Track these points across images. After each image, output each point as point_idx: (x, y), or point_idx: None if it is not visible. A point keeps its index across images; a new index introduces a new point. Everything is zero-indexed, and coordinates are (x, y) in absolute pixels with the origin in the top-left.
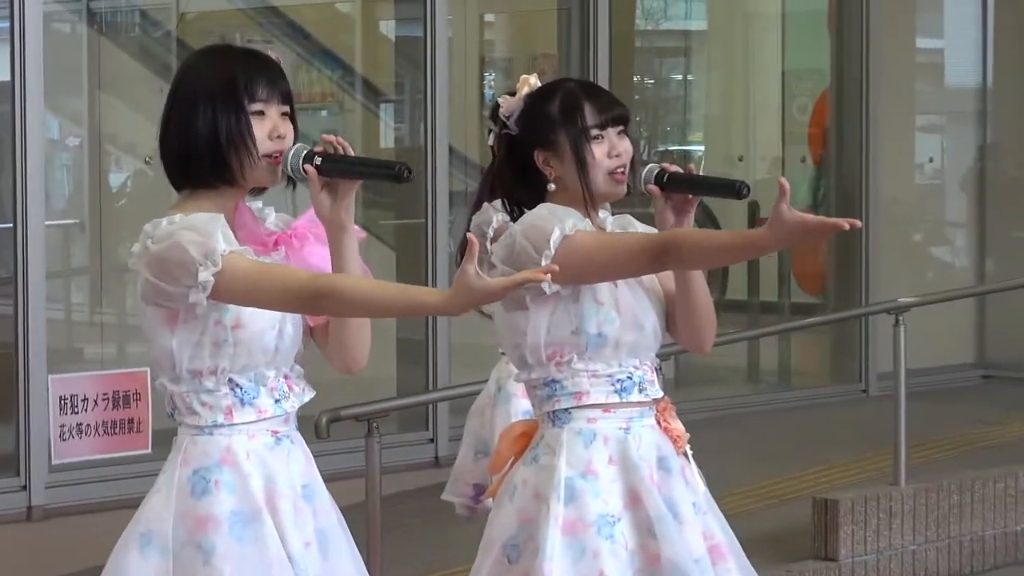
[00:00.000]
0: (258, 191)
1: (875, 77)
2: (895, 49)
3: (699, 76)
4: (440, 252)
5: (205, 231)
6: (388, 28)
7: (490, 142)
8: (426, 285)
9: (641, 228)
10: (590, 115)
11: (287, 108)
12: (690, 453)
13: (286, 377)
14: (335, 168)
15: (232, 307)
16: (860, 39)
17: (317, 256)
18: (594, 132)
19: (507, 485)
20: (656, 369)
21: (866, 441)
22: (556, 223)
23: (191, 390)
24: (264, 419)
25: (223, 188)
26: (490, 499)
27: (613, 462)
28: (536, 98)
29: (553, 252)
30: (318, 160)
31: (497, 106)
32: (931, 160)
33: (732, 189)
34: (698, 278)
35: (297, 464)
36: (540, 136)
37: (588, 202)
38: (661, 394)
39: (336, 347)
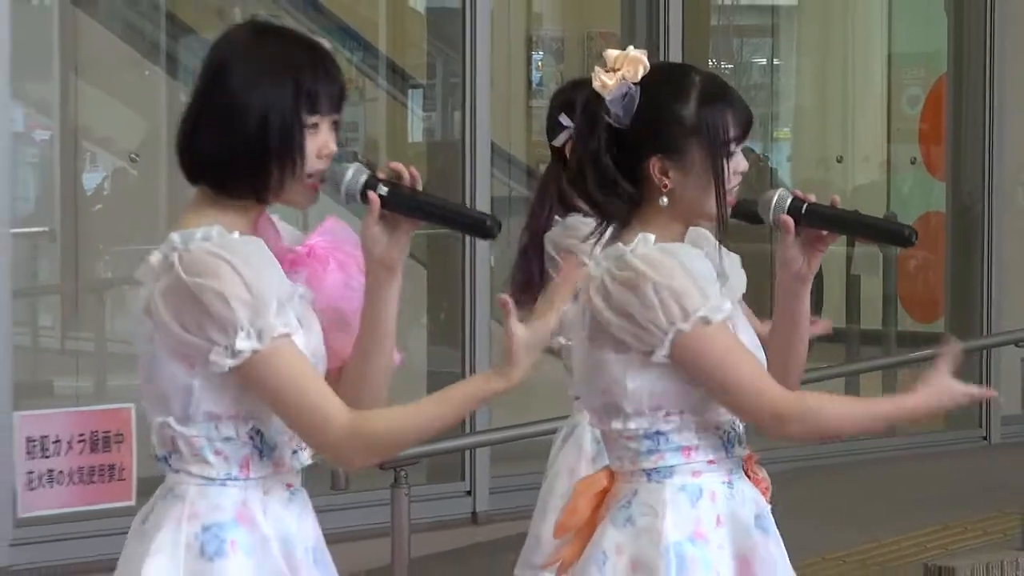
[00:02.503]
0: None
1: (1000, 63)
2: (1020, 32)
3: (787, 60)
4: (479, 268)
5: (257, 288)
6: (418, 3)
7: (563, 139)
8: (462, 306)
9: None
10: (732, 125)
11: (338, 117)
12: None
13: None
14: (404, 204)
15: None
16: (984, 17)
17: (337, 285)
18: (731, 148)
19: (593, 553)
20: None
21: (988, 497)
22: (698, 291)
23: (204, 435)
24: (281, 476)
25: (246, 198)
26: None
27: (721, 523)
28: (660, 89)
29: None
30: (384, 190)
31: (568, 90)
32: None
33: (898, 236)
34: (805, 324)
35: (307, 523)
36: (664, 139)
37: (722, 230)
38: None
39: (351, 396)
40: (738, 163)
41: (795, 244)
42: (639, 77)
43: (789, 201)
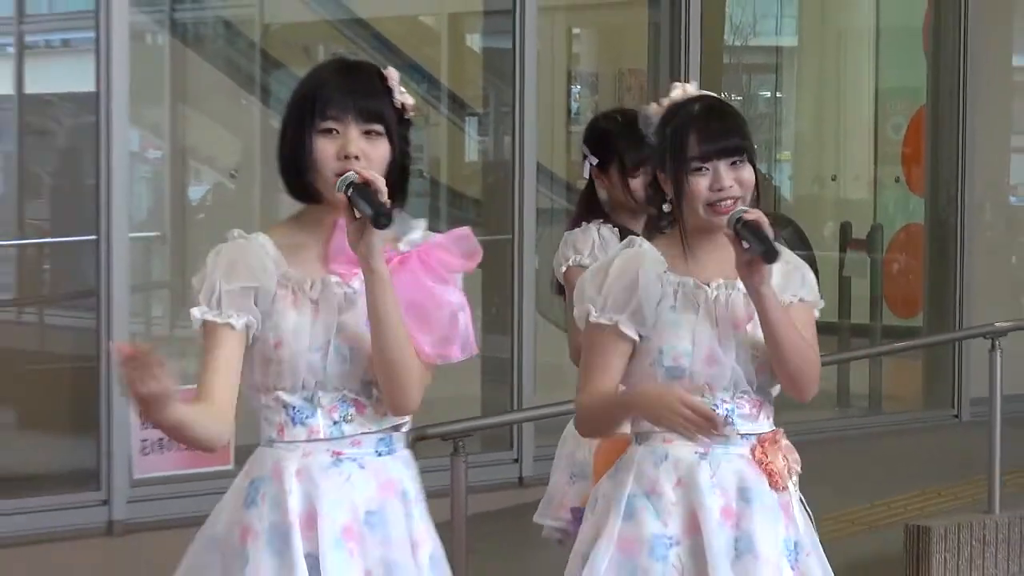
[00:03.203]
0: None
1: (972, 96)
2: (992, 67)
3: (789, 93)
4: (527, 269)
5: (212, 278)
6: (475, 41)
7: (586, 171)
8: (511, 302)
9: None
10: (693, 146)
11: (373, 127)
12: (795, 491)
13: (356, 401)
14: (356, 200)
15: (272, 324)
16: (956, 57)
17: (404, 283)
18: (695, 164)
19: (591, 498)
20: (766, 403)
21: (959, 468)
22: (588, 301)
23: (257, 405)
24: (318, 439)
25: (317, 205)
26: None
27: (682, 484)
28: (667, 114)
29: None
30: (350, 186)
31: (599, 119)
32: None
33: (769, 252)
34: (781, 332)
35: (362, 489)
36: (659, 156)
37: (683, 238)
38: (764, 429)
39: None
40: (717, 179)
41: (742, 261)
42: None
43: (736, 218)
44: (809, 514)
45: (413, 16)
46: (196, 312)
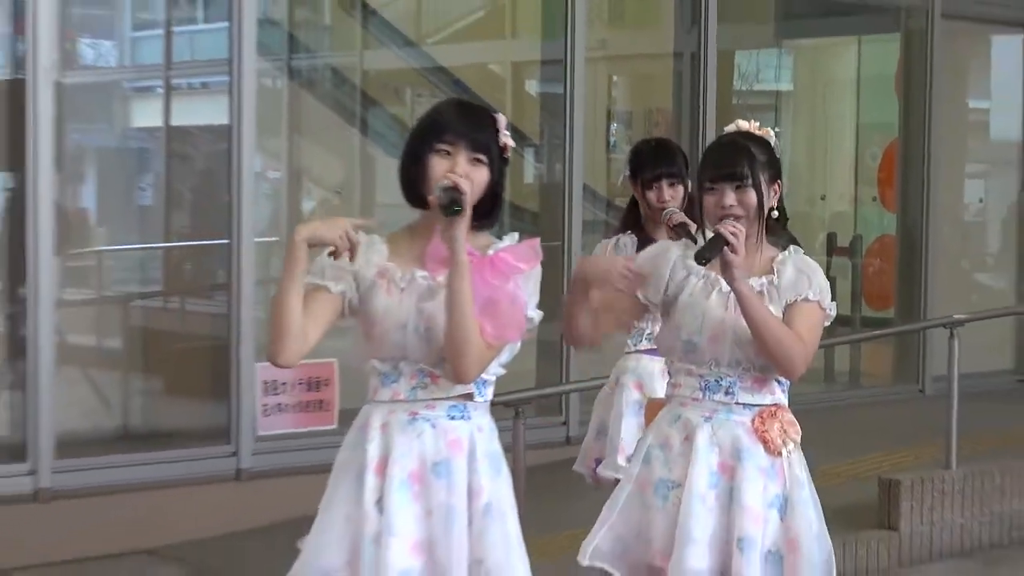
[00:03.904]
0: (478, 221)
1: (935, 131)
2: (951, 108)
3: (786, 128)
4: (574, 268)
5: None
6: (533, 86)
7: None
8: (561, 295)
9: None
10: (703, 170)
11: (479, 156)
12: (790, 456)
13: (431, 373)
14: (440, 196)
15: (370, 306)
16: (923, 100)
17: (475, 281)
18: (707, 185)
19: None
20: (769, 381)
21: (923, 432)
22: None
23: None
24: (399, 401)
25: (428, 212)
26: (608, 470)
27: (687, 440)
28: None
29: None
30: (446, 189)
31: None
32: (981, 200)
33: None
34: (757, 320)
35: (431, 443)
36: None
37: (704, 240)
38: (766, 402)
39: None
40: (722, 198)
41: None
42: None
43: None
44: (809, 476)
45: (483, 64)
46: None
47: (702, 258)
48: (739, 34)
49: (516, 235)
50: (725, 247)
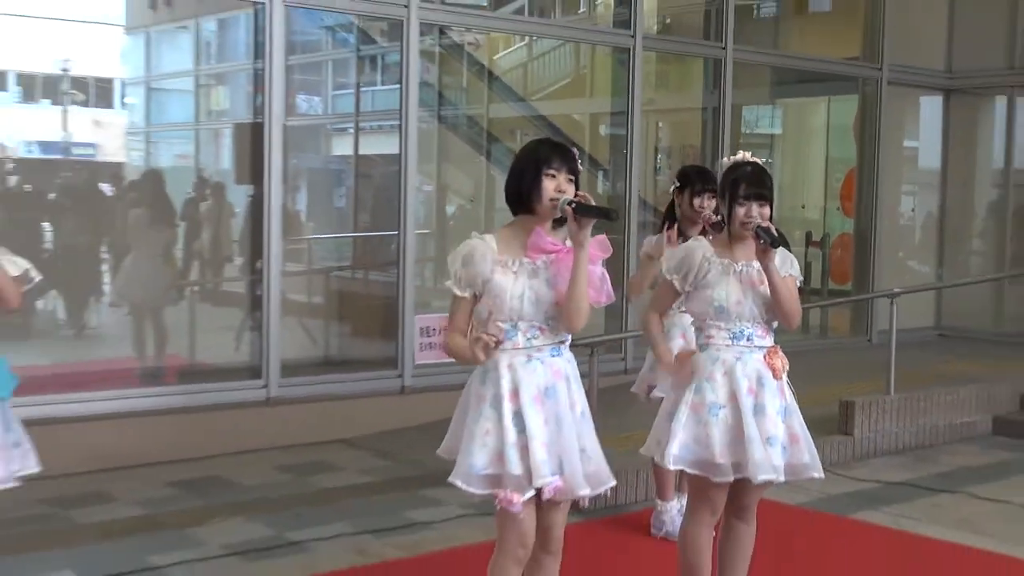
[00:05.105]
0: (556, 222)
1: (882, 162)
2: (892, 146)
3: (777, 160)
4: (631, 259)
5: (467, 253)
6: (604, 129)
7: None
8: (622, 272)
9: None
10: (740, 190)
11: (572, 176)
12: (786, 380)
13: (540, 326)
14: (580, 210)
15: (493, 285)
16: (873, 141)
17: (564, 268)
18: (740, 200)
19: (671, 384)
20: (770, 330)
21: (871, 370)
22: (668, 259)
23: (487, 330)
24: (519, 348)
25: (529, 216)
26: (659, 393)
27: (725, 374)
28: (731, 167)
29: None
30: (572, 204)
31: (695, 173)
32: (912, 210)
33: (774, 243)
34: (779, 289)
35: (541, 375)
36: (721, 191)
37: (730, 238)
38: (769, 344)
39: (563, 315)
40: (748, 211)
41: (758, 247)
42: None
43: (756, 226)
44: (793, 392)
45: (570, 114)
46: (450, 284)
47: (777, 244)
48: (745, 95)
49: (602, 236)
50: (767, 242)
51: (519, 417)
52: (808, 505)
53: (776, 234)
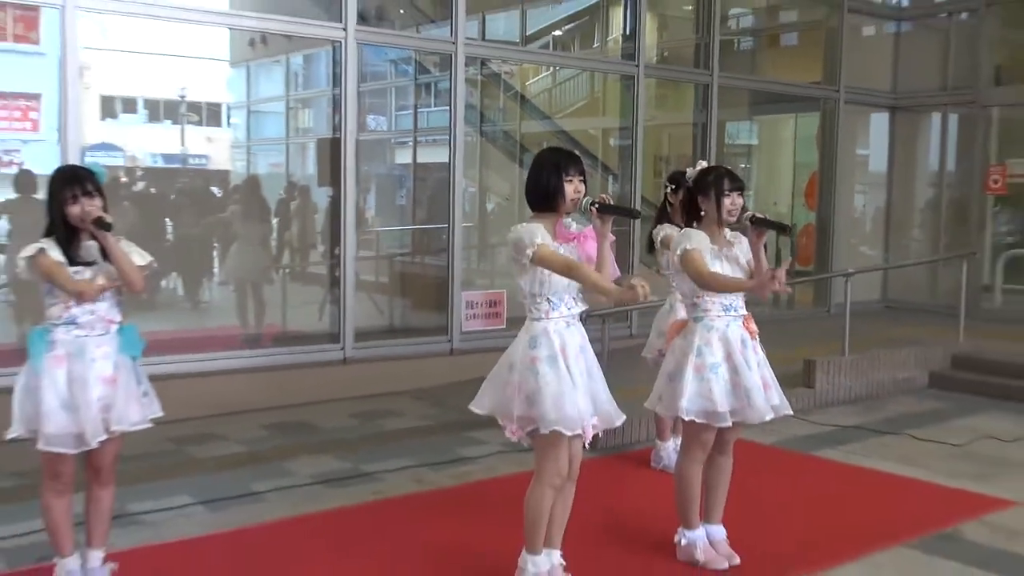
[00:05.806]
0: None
1: (840, 167)
2: (847, 153)
3: (754, 165)
4: (637, 249)
5: (533, 232)
6: (613, 142)
7: (665, 191)
8: (629, 268)
9: (745, 245)
10: (725, 185)
11: (583, 178)
12: (757, 340)
13: (574, 298)
14: (603, 208)
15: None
16: (832, 149)
17: (591, 248)
18: (726, 193)
19: (672, 346)
20: (746, 301)
21: (829, 336)
22: (685, 241)
23: (532, 303)
24: (562, 317)
25: (550, 212)
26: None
27: (720, 339)
28: (703, 172)
29: (677, 256)
30: (596, 204)
31: (678, 176)
32: (863, 206)
33: (783, 229)
34: (761, 265)
35: (576, 337)
36: (703, 189)
37: (718, 224)
38: (745, 311)
39: (593, 289)
40: (733, 201)
41: (752, 232)
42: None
43: (750, 215)
44: (763, 349)
45: (586, 129)
46: (537, 244)
47: (787, 229)
48: (728, 113)
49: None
50: (771, 229)
51: (568, 371)
52: (777, 444)
53: (778, 223)
